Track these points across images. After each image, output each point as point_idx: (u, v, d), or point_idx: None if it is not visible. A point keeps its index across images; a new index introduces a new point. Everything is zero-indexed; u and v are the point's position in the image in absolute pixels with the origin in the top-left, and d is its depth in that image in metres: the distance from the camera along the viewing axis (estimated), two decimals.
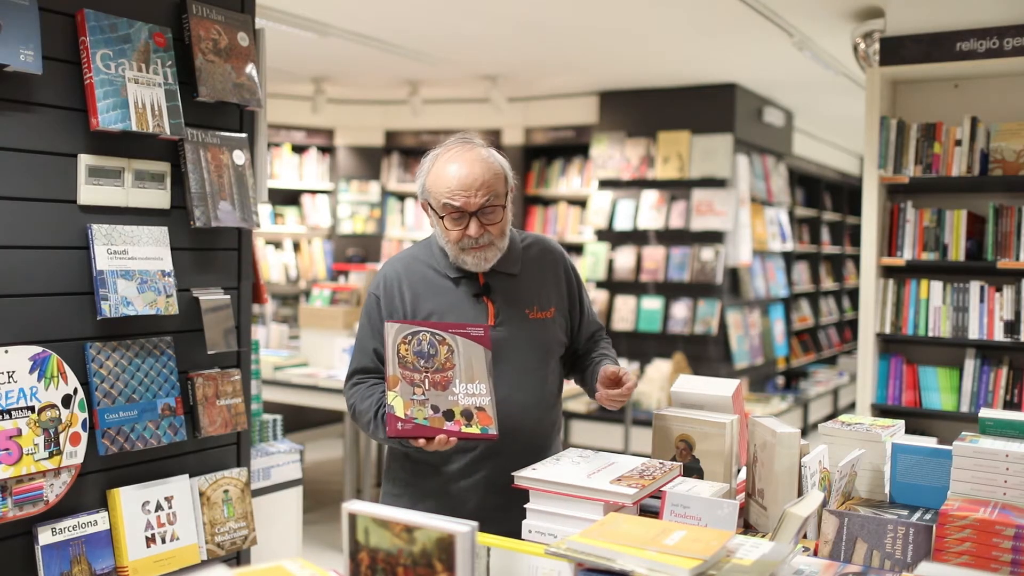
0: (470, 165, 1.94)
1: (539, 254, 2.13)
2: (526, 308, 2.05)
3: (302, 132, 7.79)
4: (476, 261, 1.97)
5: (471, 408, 1.80)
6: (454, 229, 1.95)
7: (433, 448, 1.77)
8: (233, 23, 2.34)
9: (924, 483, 1.74)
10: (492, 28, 5.26)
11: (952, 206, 3.72)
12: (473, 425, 1.78)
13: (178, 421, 2.21)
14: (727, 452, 1.80)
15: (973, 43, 3.66)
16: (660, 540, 1.34)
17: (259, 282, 2.59)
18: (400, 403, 1.77)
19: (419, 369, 1.79)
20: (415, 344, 1.81)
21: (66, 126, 2.04)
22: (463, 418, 1.79)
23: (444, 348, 1.82)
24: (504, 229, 2.00)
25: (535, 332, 2.05)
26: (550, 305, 2.09)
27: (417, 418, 1.77)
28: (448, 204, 1.93)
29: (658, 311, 6.77)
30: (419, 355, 1.80)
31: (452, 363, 1.81)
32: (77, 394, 2.01)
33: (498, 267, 2.03)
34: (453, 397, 1.79)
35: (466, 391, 1.80)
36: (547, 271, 2.12)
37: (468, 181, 1.92)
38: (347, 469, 4.64)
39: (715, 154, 6.61)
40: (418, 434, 1.76)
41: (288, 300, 7.55)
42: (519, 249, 2.10)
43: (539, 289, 2.09)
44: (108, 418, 2.06)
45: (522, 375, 2.02)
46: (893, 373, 3.81)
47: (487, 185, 1.93)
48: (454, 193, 1.92)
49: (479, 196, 1.92)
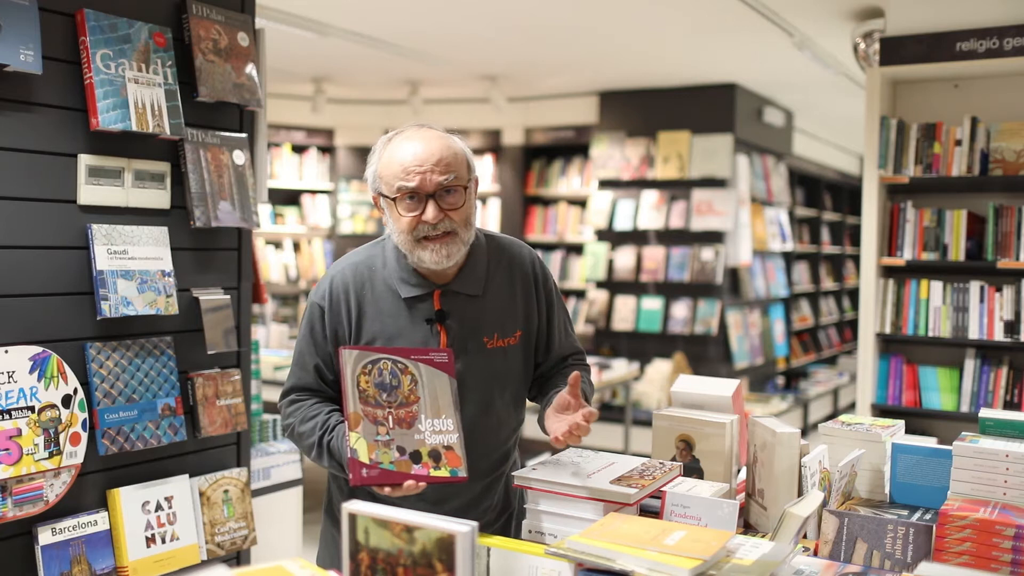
0: (426, 142, 1.73)
1: (508, 268, 1.88)
2: (484, 336, 1.82)
3: (302, 132, 7.79)
4: (436, 257, 1.73)
5: (439, 448, 1.64)
6: (408, 215, 1.72)
7: (400, 494, 1.60)
8: (233, 23, 2.34)
9: (924, 483, 1.74)
10: (492, 28, 5.26)
11: (952, 206, 3.72)
12: (442, 468, 1.63)
13: (178, 421, 2.21)
14: (727, 452, 1.80)
15: (973, 43, 3.66)
16: (660, 540, 1.34)
17: (259, 282, 2.59)
18: (364, 446, 1.59)
19: (381, 404, 1.63)
20: (375, 374, 1.63)
21: (66, 126, 2.04)
22: (431, 460, 1.63)
23: (407, 378, 1.65)
24: (467, 217, 1.75)
25: (490, 364, 1.83)
26: (515, 329, 1.86)
27: (383, 462, 1.60)
28: (402, 186, 1.71)
29: (658, 311, 6.77)
30: (380, 387, 1.63)
31: (416, 395, 1.66)
32: (77, 394, 2.01)
33: (458, 287, 1.81)
34: (420, 436, 1.64)
35: (432, 427, 1.65)
36: (516, 288, 1.88)
37: (423, 157, 1.70)
38: None
39: (715, 154, 6.61)
40: (385, 481, 1.60)
41: (288, 300, 7.55)
42: (484, 264, 1.85)
43: (503, 312, 1.85)
44: (108, 418, 2.06)
45: (472, 413, 1.80)
46: (893, 373, 3.81)
47: (445, 162, 1.71)
48: (408, 171, 1.70)
49: (436, 174, 1.70)
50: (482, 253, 1.86)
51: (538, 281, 1.92)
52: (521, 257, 1.91)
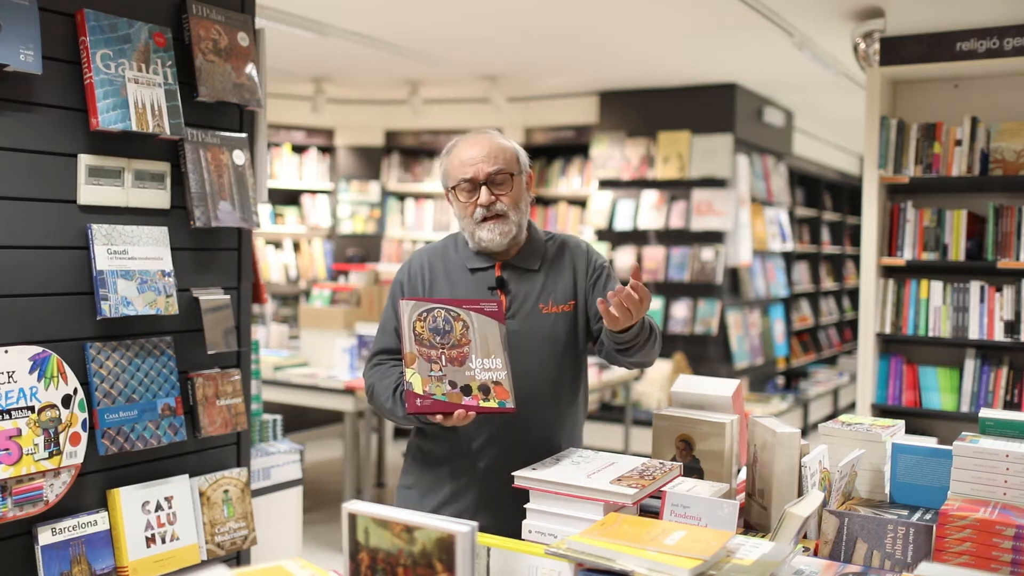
0: (480, 142, 2.06)
1: (561, 249, 2.17)
2: (540, 302, 2.08)
3: (302, 132, 7.79)
4: (490, 235, 2.03)
5: (488, 383, 1.84)
6: (467, 202, 2.04)
7: (451, 423, 1.83)
8: (233, 23, 2.34)
9: (924, 483, 1.74)
10: (492, 28, 5.26)
11: (952, 206, 3.72)
12: (491, 399, 1.83)
13: (178, 421, 2.21)
14: (727, 452, 1.80)
15: (973, 43, 3.66)
16: (660, 540, 1.34)
17: (259, 282, 2.59)
18: (418, 380, 1.82)
19: (435, 346, 1.84)
20: (430, 321, 1.84)
21: (66, 126, 2.04)
22: (480, 392, 1.83)
23: (459, 324, 1.85)
24: (517, 201, 2.06)
25: (547, 327, 2.07)
26: (568, 299, 2.11)
27: (436, 394, 1.81)
28: (460, 177, 2.04)
29: (658, 311, 6.77)
30: (435, 331, 1.84)
31: (468, 339, 1.85)
32: (77, 394, 2.01)
33: (517, 262, 2.09)
34: (470, 372, 1.84)
35: (482, 366, 1.84)
36: (571, 265, 2.15)
37: (477, 152, 2.03)
38: (347, 469, 4.64)
39: (715, 154, 6.61)
40: (437, 410, 1.81)
41: (288, 300, 7.54)
42: (542, 245, 2.15)
43: (557, 284, 2.11)
44: (108, 418, 2.06)
45: (530, 369, 2.03)
46: (893, 373, 3.81)
47: (494, 155, 2.03)
48: (464, 166, 2.03)
49: (488, 164, 2.02)
50: (540, 240, 2.16)
51: (591, 261, 2.18)
52: (576, 243, 2.21)
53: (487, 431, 2.02)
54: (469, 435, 2.03)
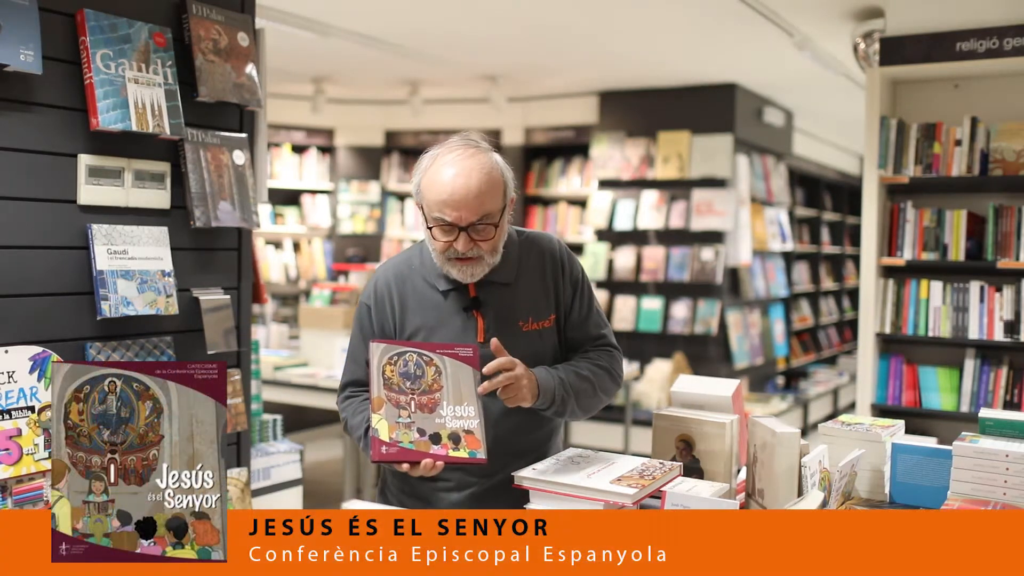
0: (467, 175, 1.79)
1: (538, 257, 1.98)
2: (519, 320, 1.92)
3: (302, 132, 7.79)
4: (461, 274, 1.86)
5: (459, 431, 1.70)
6: (442, 240, 1.83)
7: (418, 473, 1.68)
8: (233, 23, 2.34)
9: (924, 483, 1.74)
10: (492, 28, 5.26)
11: (952, 206, 3.72)
12: (461, 449, 1.68)
13: None
14: (727, 452, 1.80)
15: (973, 43, 3.66)
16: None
17: (259, 282, 2.59)
18: (385, 426, 1.67)
19: (405, 391, 1.70)
20: (401, 365, 1.72)
21: (66, 126, 2.04)
22: (451, 441, 1.69)
23: (431, 369, 1.73)
24: (496, 246, 1.86)
25: (528, 346, 1.91)
26: (548, 313, 1.96)
27: (403, 442, 1.67)
28: (440, 217, 1.81)
29: (658, 311, 6.77)
30: (405, 376, 1.71)
31: (440, 384, 1.72)
32: None
33: (491, 277, 1.90)
34: (440, 420, 1.70)
35: (454, 413, 1.71)
36: (546, 274, 1.98)
37: (461, 195, 1.78)
38: (347, 469, 4.65)
39: (715, 154, 6.61)
40: (403, 458, 1.67)
41: (288, 300, 7.54)
42: (516, 255, 1.95)
43: (535, 297, 1.95)
44: None
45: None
46: (893, 373, 3.81)
47: (481, 202, 1.79)
48: (445, 206, 1.79)
49: (471, 213, 1.79)
50: (513, 246, 1.96)
51: (565, 266, 2.00)
52: (550, 245, 2.01)
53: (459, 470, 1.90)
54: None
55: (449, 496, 1.93)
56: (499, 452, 1.85)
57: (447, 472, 1.90)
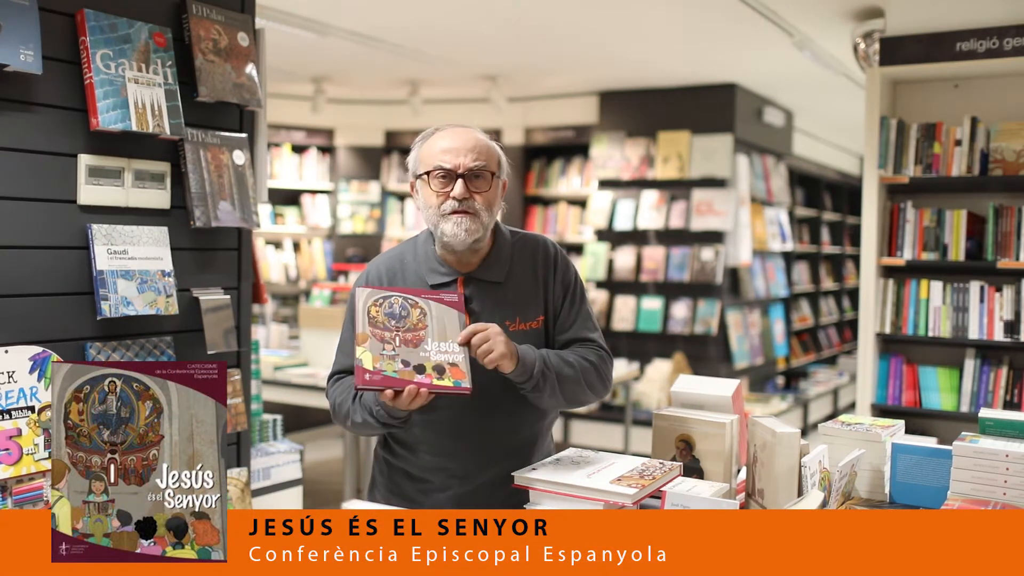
0: (464, 134, 1.91)
1: (531, 258, 1.99)
2: (507, 319, 1.90)
3: (302, 132, 7.79)
4: (456, 229, 1.84)
5: (443, 363, 1.70)
6: (439, 191, 1.87)
7: (402, 404, 1.68)
8: (233, 23, 2.34)
9: (924, 483, 1.74)
10: (492, 28, 5.26)
11: (952, 206, 3.72)
12: (445, 379, 1.68)
13: None
14: (727, 452, 1.80)
15: (973, 43, 3.66)
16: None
17: (259, 282, 2.59)
18: (368, 357, 1.67)
19: (390, 328, 1.71)
20: (386, 307, 1.74)
21: (66, 126, 2.04)
22: (435, 372, 1.69)
23: (416, 311, 1.75)
24: (491, 203, 1.89)
25: None
26: (536, 314, 1.95)
27: (386, 370, 1.66)
28: (438, 164, 1.86)
29: (658, 311, 6.77)
30: (390, 316, 1.73)
31: (424, 324, 1.74)
32: None
33: (481, 274, 1.92)
34: (425, 353, 1.70)
35: (438, 348, 1.72)
36: (537, 275, 1.98)
37: (459, 143, 1.88)
38: (347, 469, 4.65)
39: (715, 154, 6.61)
40: (387, 385, 1.66)
41: (288, 300, 7.54)
42: (507, 255, 1.97)
43: (525, 298, 1.95)
44: None
45: (498, 392, 1.87)
46: (893, 373, 3.81)
47: (478, 150, 1.88)
48: (444, 152, 1.87)
49: (469, 158, 1.86)
50: (506, 245, 1.98)
51: (557, 269, 2.00)
52: (544, 247, 2.02)
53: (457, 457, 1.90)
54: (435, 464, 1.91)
55: (433, 496, 1.93)
56: (482, 454, 1.87)
57: (431, 473, 1.92)
